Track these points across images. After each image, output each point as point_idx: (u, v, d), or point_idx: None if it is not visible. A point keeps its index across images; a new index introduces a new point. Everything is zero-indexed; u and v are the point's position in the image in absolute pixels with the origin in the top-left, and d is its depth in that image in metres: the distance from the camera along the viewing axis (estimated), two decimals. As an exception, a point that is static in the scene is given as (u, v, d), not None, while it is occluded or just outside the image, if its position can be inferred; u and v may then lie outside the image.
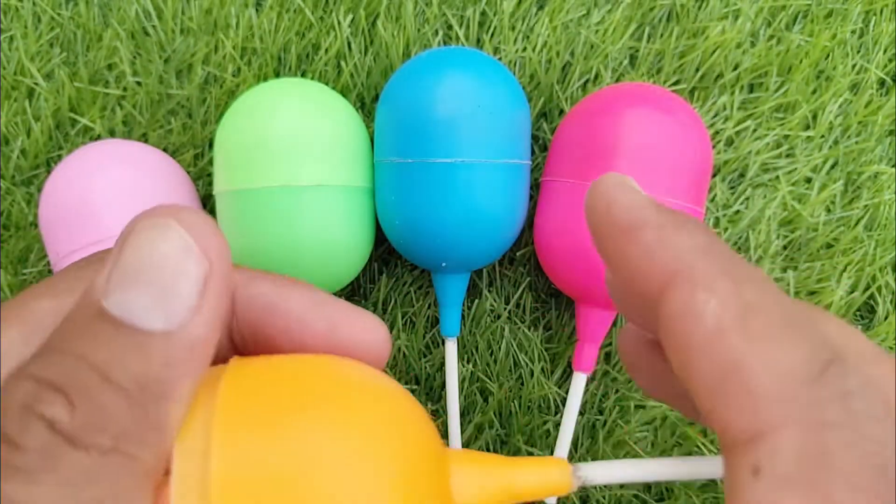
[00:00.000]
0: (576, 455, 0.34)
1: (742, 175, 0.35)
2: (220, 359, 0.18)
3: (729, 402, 0.11)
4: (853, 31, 0.35)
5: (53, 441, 0.11)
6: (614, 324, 0.34)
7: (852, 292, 0.34)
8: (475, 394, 0.34)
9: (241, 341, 0.16)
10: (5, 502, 0.10)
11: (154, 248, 0.12)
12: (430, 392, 0.34)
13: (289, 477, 0.12)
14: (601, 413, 0.34)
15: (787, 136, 0.35)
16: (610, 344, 0.34)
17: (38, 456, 0.11)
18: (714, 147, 0.35)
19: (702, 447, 0.33)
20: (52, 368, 0.11)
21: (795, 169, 0.35)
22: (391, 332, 0.34)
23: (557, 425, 0.34)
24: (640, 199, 0.13)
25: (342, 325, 0.15)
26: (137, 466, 0.11)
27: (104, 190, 0.29)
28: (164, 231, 0.12)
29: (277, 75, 0.35)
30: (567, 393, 0.33)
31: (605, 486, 0.34)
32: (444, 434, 0.34)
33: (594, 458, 0.34)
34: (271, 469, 0.12)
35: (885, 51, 0.35)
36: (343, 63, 0.35)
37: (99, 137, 0.35)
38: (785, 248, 0.35)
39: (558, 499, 0.32)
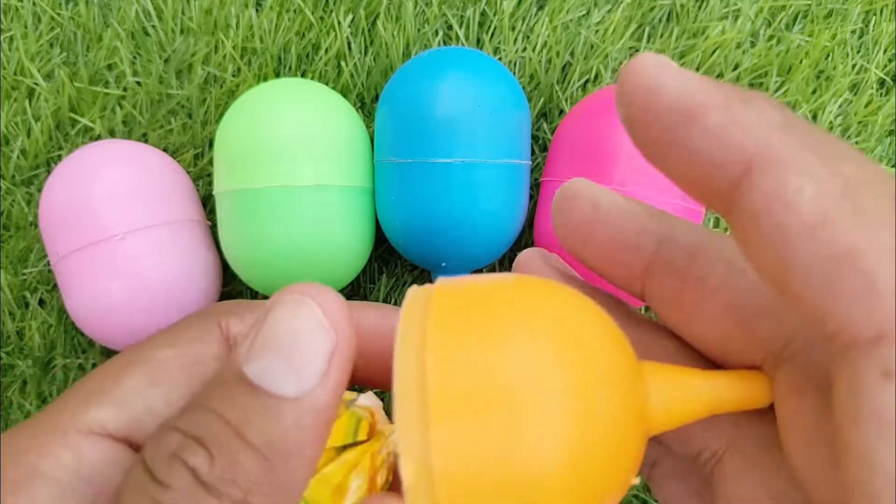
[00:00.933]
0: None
1: (742, 175, 0.35)
2: None
3: (846, 299, 0.10)
4: (853, 32, 0.35)
5: (194, 486, 0.12)
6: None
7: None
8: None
9: None
10: None
11: (290, 321, 0.14)
12: (430, 392, 0.34)
13: (501, 387, 0.12)
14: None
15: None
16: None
17: (180, 497, 0.12)
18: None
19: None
20: (195, 424, 0.13)
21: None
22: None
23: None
24: (693, 79, 0.11)
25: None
26: None
27: (104, 190, 0.29)
28: (299, 307, 0.14)
29: (277, 75, 0.35)
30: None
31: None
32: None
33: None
34: (484, 379, 0.12)
35: (884, 51, 0.35)
36: (343, 63, 0.35)
37: (99, 137, 0.35)
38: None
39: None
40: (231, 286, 0.34)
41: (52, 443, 0.16)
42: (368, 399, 0.17)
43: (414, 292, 0.14)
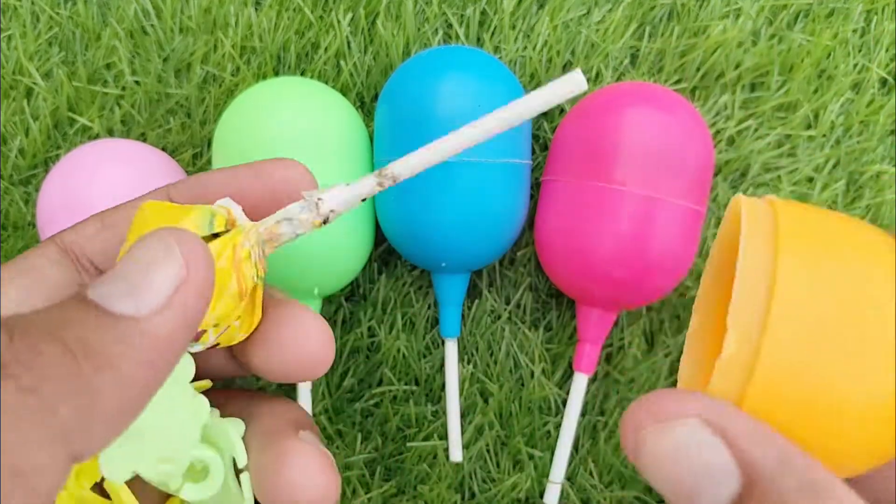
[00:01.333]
0: (576, 456, 0.34)
1: (743, 175, 0.35)
2: (217, 375, 0.20)
3: None
4: (854, 31, 0.35)
5: None
6: (615, 324, 0.34)
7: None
8: (475, 395, 0.34)
9: None
10: None
11: (143, 253, 0.14)
12: (429, 393, 0.34)
13: (845, 299, 0.13)
14: (602, 414, 0.34)
15: (788, 136, 0.35)
16: (611, 345, 0.34)
17: None
18: (715, 147, 0.34)
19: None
20: (10, 320, 0.12)
21: (797, 168, 0.35)
22: (391, 333, 0.34)
23: (558, 426, 0.33)
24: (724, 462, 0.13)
25: (264, 170, 0.19)
26: (52, 419, 0.11)
27: (102, 189, 0.29)
28: (156, 241, 0.14)
29: (277, 74, 0.35)
30: (568, 394, 0.33)
31: (605, 487, 0.33)
32: (444, 435, 0.34)
33: (595, 460, 0.34)
34: (830, 290, 0.13)
35: (886, 50, 0.35)
36: (343, 62, 0.35)
37: (97, 137, 0.34)
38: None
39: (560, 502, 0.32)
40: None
41: None
42: (224, 201, 0.17)
43: (750, 203, 0.15)
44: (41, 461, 0.11)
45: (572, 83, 0.15)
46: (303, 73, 0.35)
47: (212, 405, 0.18)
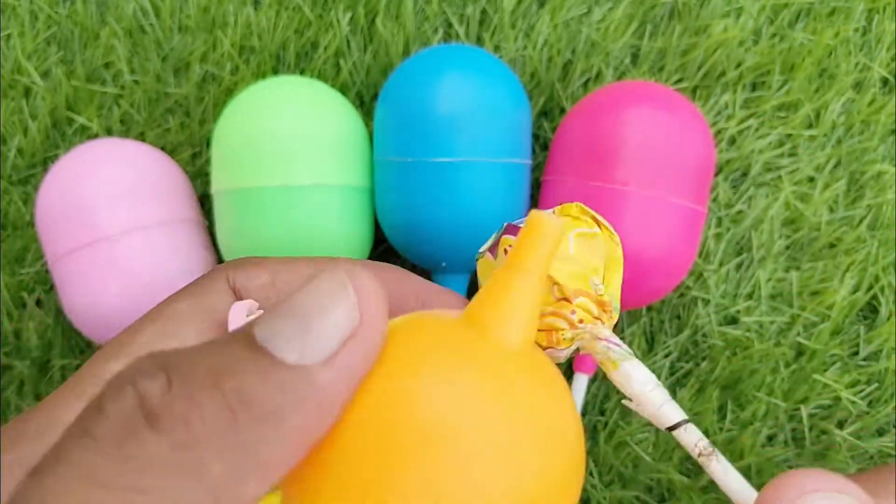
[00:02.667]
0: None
1: (745, 174, 0.35)
2: None
3: None
4: (856, 30, 0.35)
5: (134, 415, 0.11)
6: (615, 324, 0.34)
7: (855, 292, 0.34)
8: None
9: None
10: (65, 458, 0.10)
11: (317, 295, 0.12)
12: (429, 393, 0.34)
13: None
14: (602, 414, 0.34)
15: (789, 135, 0.35)
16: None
17: (113, 426, 0.11)
18: (716, 146, 0.34)
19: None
20: (170, 356, 0.11)
21: (798, 168, 0.34)
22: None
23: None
24: None
25: (431, 302, 0.18)
26: (205, 476, 0.11)
27: (101, 189, 0.29)
28: (332, 283, 0.13)
29: (276, 73, 0.35)
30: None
31: (605, 487, 0.33)
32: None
33: (595, 460, 0.34)
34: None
35: (887, 49, 0.35)
36: (342, 61, 0.34)
37: (96, 136, 0.34)
38: (788, 248, 0.34)
39: None
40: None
41: (71, 395, 0.16)
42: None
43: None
44: None
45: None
46: (302, 73, 0.35)
47: None
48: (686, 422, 0.16)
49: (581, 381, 0.32)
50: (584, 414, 0.34)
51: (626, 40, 0.35)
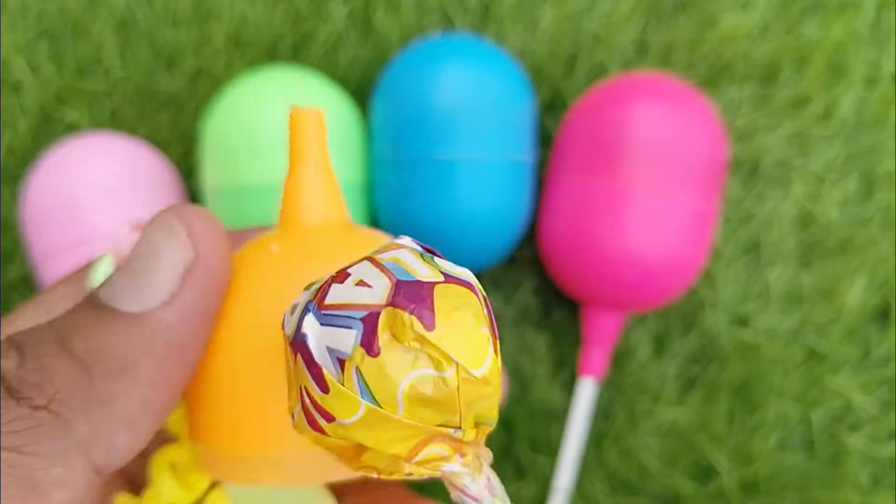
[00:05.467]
0: (581, 462, 0.33)
1: (754, 171, 0.34)
2: None
3: None
4: (866, 25, 0.34)
5: None
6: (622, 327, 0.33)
7: (866, 292, 0.33)
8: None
9: None
10: None
11: (148, 239, 0.13)
12: (429, 397, 0.33)
13: None
14: (607, 419, 0.33)
15: (799, 132, 0.34)
16: (616, 347, 0.33)
17: None
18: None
19: (709, 455, 0.32)
20: (24, 333, 0.12)
21: (808, 165, 0.34)
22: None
23: (562, 432, 0.32)
24: None
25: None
26: (67, 432, 0.12)
27: (88, 186, 0.28)
28: (160, 223, 0.13)
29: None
30: (572, 398, 0.32)
31: (610, 494, 0.32)
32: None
33: (600, 466, 0.33)
34: None
35: (898, 44, 0.34)
36: (339, 54, 0.34)
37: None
38: (798, 246, 0.33)
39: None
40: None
41: None
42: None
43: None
44: (59, 476, 0.11)
45: None
46: (298, 66, 0.34)
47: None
48: None
49: (586, 385, 0.31)
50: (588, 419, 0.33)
51: (631, 33, 0.34)
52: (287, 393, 0.12)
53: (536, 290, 0.34)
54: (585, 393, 0.31)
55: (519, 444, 0.33)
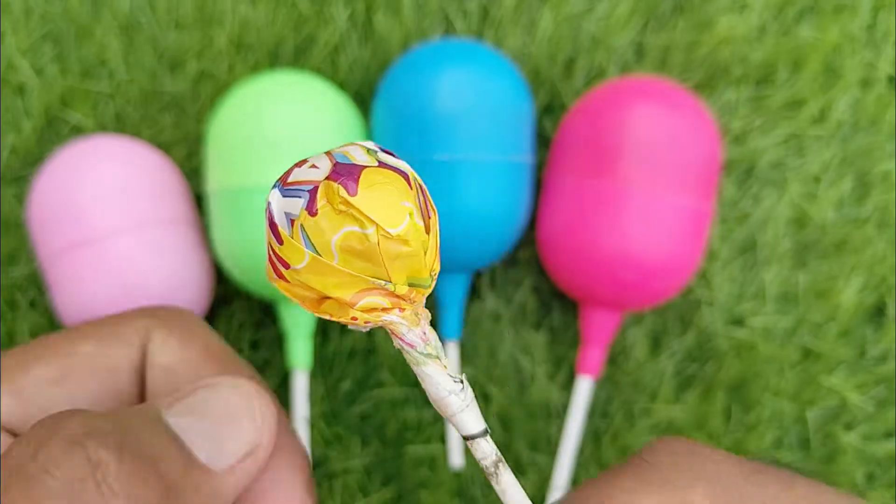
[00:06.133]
0: (579, 461, 0.33)
1: (749, 172, 0.34)
2: None
3: None
4: (862, 27, 0.35)
5: (85, 480, 0.11)
6: (620, 326, 0.33)
7: (862, 293, 0.33)
8: (476, 398, 0.33)
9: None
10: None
11: (226, 402, 0.14)
12: (429, 395, 0.34)
13: None
14: (605, 417, 0.33)
15: (795, 133, 0.34)
16: (614, 346, 0.33)
17: (60, 487, 0.11)
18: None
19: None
20: (103, 420, 0.12)
21: (804, 166, 0.34)
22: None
23: (560, 430, 0.33)
24: None
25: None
26: None
27: (94, 187, 0.28)
28: (237, 394, 0.14)
29: (272, 70, 0.34)
30: (570, 397, 0.32)
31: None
32: (444, 440, 0.33)
33: (598, 464, 0.33)
34: None
35: (893, 46, 0.34)
36: (340, 58, 0.34)
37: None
38: (794, 246, 0.34)
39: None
40: (223, 287, 0.33)
41: None
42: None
43: None
44: None
45: None
46: (300, 69, 0.34)
47: None
48: (480, 436, 0.16)
49: (584, 384, 0.31)
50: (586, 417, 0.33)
51: (629, 36, 0.34)
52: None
53: (535, 290, 0.34)
54: (583, 391, 0.31)
55: (517, 443, 0.33)
